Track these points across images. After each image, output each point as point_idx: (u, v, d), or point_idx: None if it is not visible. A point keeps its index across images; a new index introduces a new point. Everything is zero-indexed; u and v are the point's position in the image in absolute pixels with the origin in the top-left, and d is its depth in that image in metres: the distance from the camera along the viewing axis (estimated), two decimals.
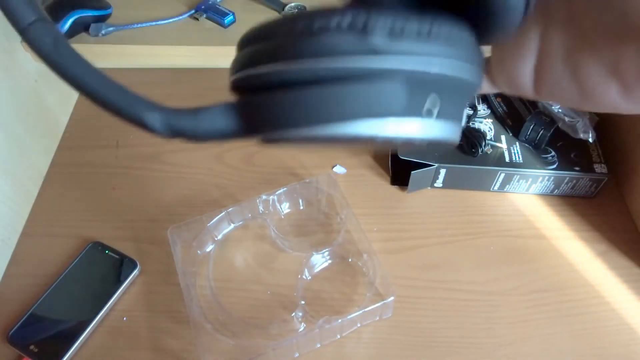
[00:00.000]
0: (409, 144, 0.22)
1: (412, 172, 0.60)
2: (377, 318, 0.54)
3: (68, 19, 0.61)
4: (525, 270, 0.58)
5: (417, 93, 0.21)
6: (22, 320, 0.53)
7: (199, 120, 0.24)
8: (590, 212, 0.63)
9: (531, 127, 0.62)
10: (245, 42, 0.24)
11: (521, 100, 0.67)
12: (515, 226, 0.62)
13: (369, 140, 0.21)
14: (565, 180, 0.61)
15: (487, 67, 0.24)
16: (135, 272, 0.56)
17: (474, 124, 0.65)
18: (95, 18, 0.63)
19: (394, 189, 0.65)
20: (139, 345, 0.52)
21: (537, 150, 0.62)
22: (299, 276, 0.56)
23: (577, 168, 0.61)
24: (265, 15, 0.66)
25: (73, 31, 0.62)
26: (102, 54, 0.64)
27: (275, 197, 0.60)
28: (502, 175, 0.62)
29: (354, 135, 0.21)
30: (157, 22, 0.64)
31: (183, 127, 0.23)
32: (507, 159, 0.62)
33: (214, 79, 0.78)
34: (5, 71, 0.59)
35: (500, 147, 0.63)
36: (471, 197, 0.64)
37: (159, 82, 0.78)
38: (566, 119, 0.62)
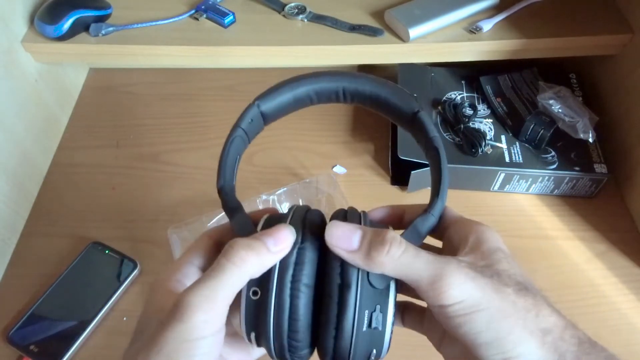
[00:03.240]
0: None
1: (412, 172, 0.60)
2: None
3: (68, 19, 0.61)
4: (525, 270, 0.58)
5: None
6: (22, 320, 0.53)
7: None
8: (590, 212, 0.63)
9: (531, 127, 0.62)
10: None
11: (521, 100, 0.67)
12: (515, 226, 0.62)
13: None
14: (565, 180, 0.61)
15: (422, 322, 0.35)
16: (135, 272, 0.56)
17: (474, 124, 0.65)
18: (95, 18, 0.63)
19: (394, 189, 0.65)
20: None
21: (537, 150, 0.62)
22: None
23: (577, 168, 0.61)
24: (265, 15, 0.66)
25: (73, 31, 0.62)
26: (102, 54, 0.64)
27: (275, 197, 0.60)
28: (502, 175, 0.62)
29: None
30: (157, 22, 0.64)
31: None
32: (507, 159, 0.62)
33: (214, 79, 0.78)
34: (5, 71, 0.59)
35: (500, 147, 0.63)
36: (471, 197, 0.64)
37: (159, 82, 0.78)
38: (566, 119, 0.62)
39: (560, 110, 0.62)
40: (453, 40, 0.63)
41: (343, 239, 0.28)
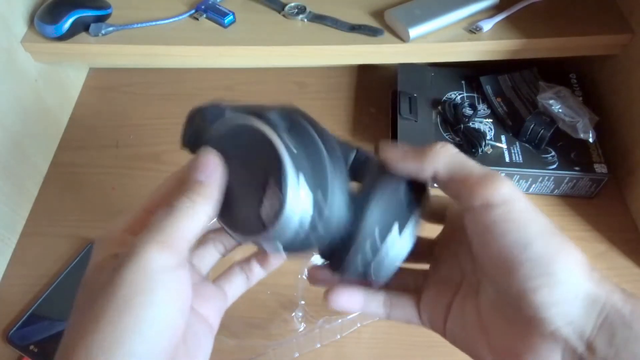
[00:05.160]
0: None
1: None
2: (377, 318, 0.54)
3: (68, 19, 0.61)
4: None
5: None
6: (22, 320, 0.53)
7: None
8: (590, 212, 0.63)
9: (531, 127, 0.62)
10: None
11: (521, 100, 0.67)
12: None
13: None
14: (565, 180, 0.61)
15: (418, 304, 0.32)
16: None
17: (474, 124, 0.65)
18: (95, 18, 0.63)
19: None
20: None
21: (537, 150, 0.62)
22: (299, 276, 0.56)
23: (577, 168, 0.61)
24: (265, 15, 0.66)
25: (73, 31, 0.62)
26: (102, 54, 0.64)
27: None
28: (502, 175, 0.62)
29: None
30: (157, 22, 0.64)
31: None
32: (507, 159, 0.62)
33: (214, 79, 0.78)
34: (5, 71, 0.59)
35: (500, 147, 0.63)
36: None
37: (159, 82, 0.78)
38: (566, 119, 0.62)
39: (560, 110, 0.62)
40: (453, 40, 0.63)
41: (396, 150, 0.29)
